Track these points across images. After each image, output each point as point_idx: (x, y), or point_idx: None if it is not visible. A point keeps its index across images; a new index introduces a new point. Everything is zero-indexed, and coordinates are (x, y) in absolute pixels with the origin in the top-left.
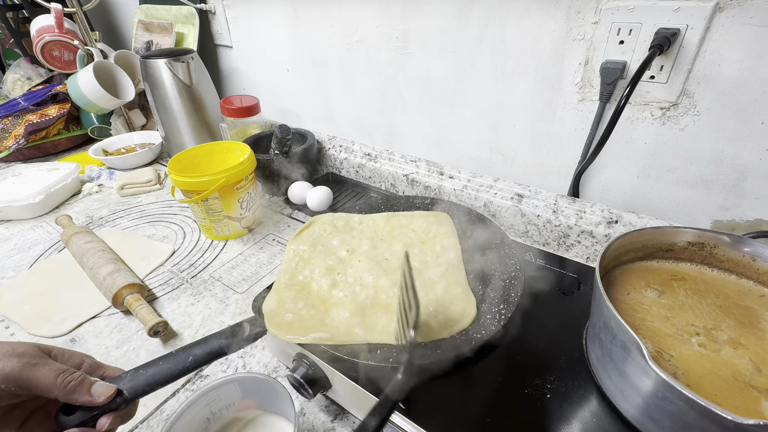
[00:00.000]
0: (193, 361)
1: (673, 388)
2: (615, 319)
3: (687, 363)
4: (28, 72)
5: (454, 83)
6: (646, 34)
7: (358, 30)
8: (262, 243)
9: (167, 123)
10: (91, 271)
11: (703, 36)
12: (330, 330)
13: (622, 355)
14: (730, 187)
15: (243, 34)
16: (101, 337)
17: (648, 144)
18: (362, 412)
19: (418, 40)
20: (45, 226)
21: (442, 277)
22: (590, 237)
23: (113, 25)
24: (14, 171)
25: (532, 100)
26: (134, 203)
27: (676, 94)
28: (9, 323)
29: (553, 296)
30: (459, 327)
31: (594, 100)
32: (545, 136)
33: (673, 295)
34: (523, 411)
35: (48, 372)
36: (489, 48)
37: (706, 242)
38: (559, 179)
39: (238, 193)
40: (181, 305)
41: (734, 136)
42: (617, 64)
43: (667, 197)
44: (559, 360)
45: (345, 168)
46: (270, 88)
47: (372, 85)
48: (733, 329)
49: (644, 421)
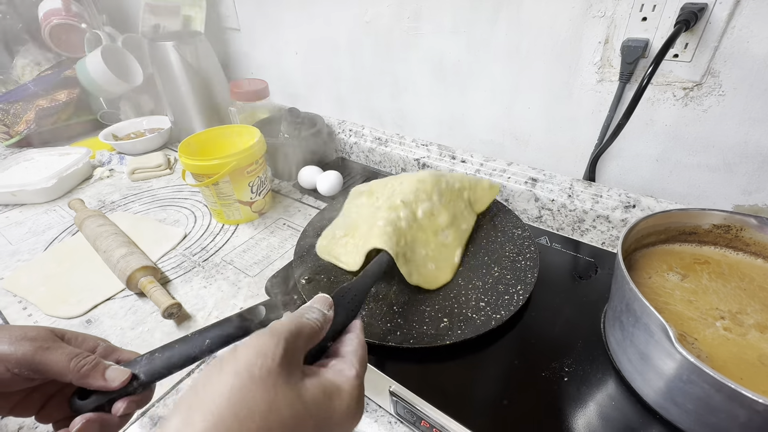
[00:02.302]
0: (209, 344)
1: (700, 371)
2: (639, 302)
3: (711, 347)
4: (37, 57)
5: (467, 65)
6: (671, 9)
7: (368, 10)
8: (273, 227)
9: (176, 107)
10: (105, 254)
11: (732, 11)
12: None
13: (644, 338)
14: (754, 171)
15: (251, 16)
16: (116, 319)
17: (669, 126)
18: (376, 393)
19: (430, 20)
20: (58, 210)
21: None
22: (606, 222)
23: (120, 8)
24: (26, 156)
25: (548, 81)
26: (145, 188)
27: (701, 73)
28: (26, 304)
29: (569, 280)
30: (433, 283)
31: (613, 81)
32: (561, 118)
33: (696, 278)
34: (540, 394)
35: (61, 356)
36: (504, 27)
37: (732, 225)
38: (575, 163)
39: (248, 177)
40: (193, 288)
41: (761, 117)
42: (639, 42)
43: (687, 181)
44: (576, 343)
45: (355, 152)
46: (278, 72)
47: (382, 68)
48: (759, 313)
49: (666, 404)
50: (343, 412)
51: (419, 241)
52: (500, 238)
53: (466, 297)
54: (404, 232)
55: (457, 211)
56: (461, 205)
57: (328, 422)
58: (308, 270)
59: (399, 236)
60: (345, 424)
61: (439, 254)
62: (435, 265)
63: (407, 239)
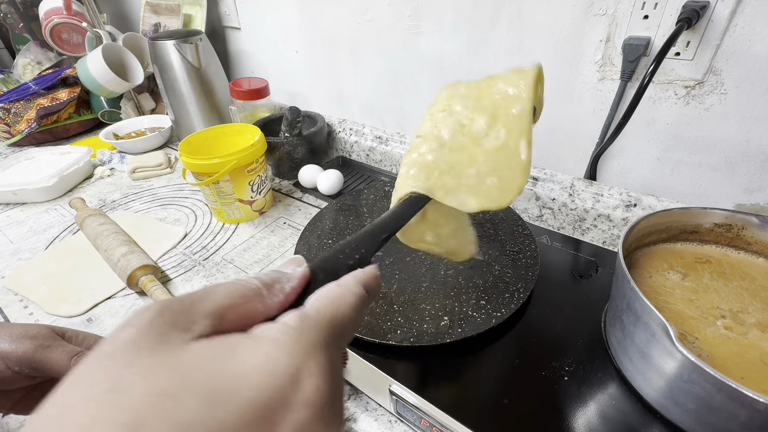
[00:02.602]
0: None
1: (701, 370)
2: (640, 301)
3: (712, 346)
4: (38, 56)
5: (468, 63)
6: (673, 7)
7: (369, 9)
8: (273, 226)
9: (176, 106)
10: (106, 253)
11: (734, 9)
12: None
13: (645, 337)
14: (756, 169)
15: (251, 15)
16: (117, 317)
17: (670, 125)
18: (375, 392)
19: (430, 19)
20: (59, 209)
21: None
22: (607, 221)
23: (120, 7)
24: (27, 155)
25: (549, 79)
26: (146, 187)
27: (703, 71)
28: (28, 303)
29: (569, 280)
30: (507, 195)
31: (615, 79)
32: (562, 117)
33: (697, 277)
34: (541, 393)
35: (61, 354)
36: (505, 25)
37: (733, 224)
38: (576, 162)
39: (249, 175)
40: (194, 287)
41: (763, 115)
42: (641, 41)
43: (688, 180)
44: (576, 343)
45: (356, 151)
46: (279, 71)
47: (383, 67)
48: (761, 312)
49: (666, 404)
50: (260, 380)
51: (461, 162)
52: (501, 236)
53: (467, 295)
54: (434, 164)
55: (496, 101)
56: (497, 93)
57: (232, 397)
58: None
59: (428, 171)
60: (268, 398)
61: (497, 162)
62: (497, 177)
63: (442, 168)
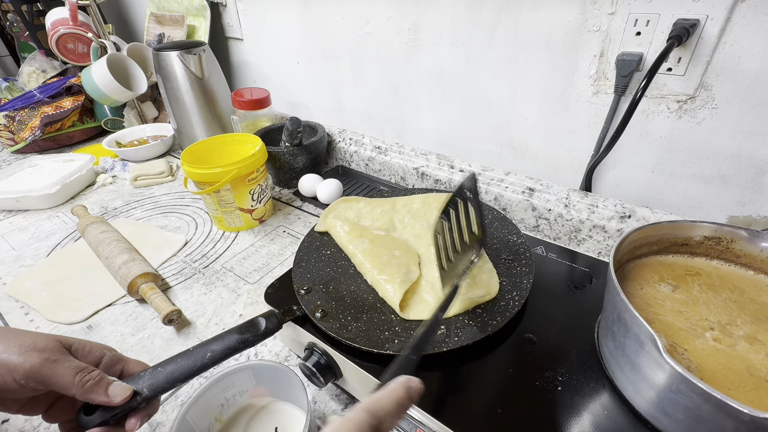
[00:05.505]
0: (211, 357)
1: (688, 382)
2: (629, 312)
3: (701, 357)
4: (43, 64)
5: (465, 76)
6: (664, 25)
7: (369, 22)
8: (273, 235)
9: (179, 115)
10: (107, 260)
11: (723, 27)
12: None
13: (635, 349)
14: (747, 183)
15: (254, 26)
16: (117, 325)
17: (663, 138)
18: None
19: (429, 32)
20: (61, 216)
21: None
22: (602, 232)
23: (125, 18)
24: (31, 162)
25: (545, 93)
26: (147, 194)
27: (694, 86)
28: (28, 309)
29: (564, 290)
30: (485, 297)
31: (609, 93)
32: (558, 129)
33: (687, 289)
34: (534, 403)
35: (67, 370)
36: (502, 40)
37: (723, 237)
38: (572, 173)
39: (249, 184)
40: (194, 294)
41: (753, 130)
42: (633, 56)
43: (681, 192)
44: (570, 353)
45: (355, 161)
46: (280, 81)
47: (383, 78)
48: (749, 324)
49: (657, 414)
50: None
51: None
52: (496, 244)
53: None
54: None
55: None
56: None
57: None
58: (307, 280)
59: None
60: None
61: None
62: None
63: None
